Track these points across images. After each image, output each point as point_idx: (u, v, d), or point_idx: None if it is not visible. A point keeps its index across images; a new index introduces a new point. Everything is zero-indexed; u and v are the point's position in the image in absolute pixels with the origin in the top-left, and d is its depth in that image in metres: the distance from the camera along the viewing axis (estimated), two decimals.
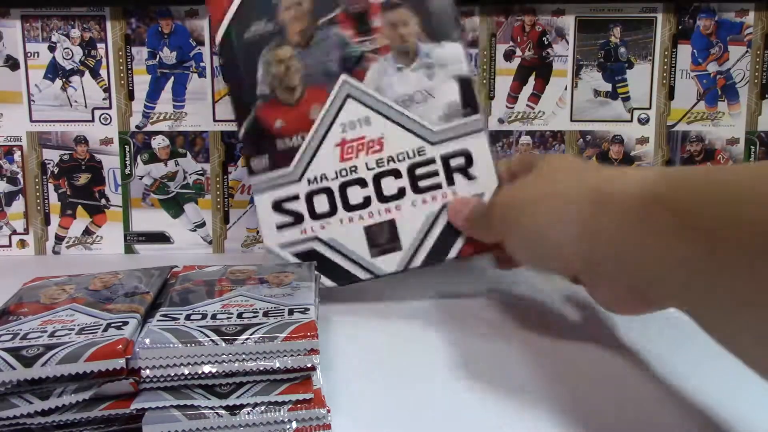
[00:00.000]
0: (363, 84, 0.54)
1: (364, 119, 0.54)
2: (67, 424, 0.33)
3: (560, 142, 0.70)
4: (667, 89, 0.69)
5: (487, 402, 0.39)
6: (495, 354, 0.45)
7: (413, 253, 0.54)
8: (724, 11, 0.68)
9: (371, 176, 0.54)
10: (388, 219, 0.54)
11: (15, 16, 0.67)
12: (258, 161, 0.55)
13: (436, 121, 0.54)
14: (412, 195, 0.54)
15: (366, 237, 0.54)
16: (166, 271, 0.46)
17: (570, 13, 0.68)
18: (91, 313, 0.38)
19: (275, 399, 0.34)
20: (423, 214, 0.54)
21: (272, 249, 0.54)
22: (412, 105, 0.54)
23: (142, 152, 0.69)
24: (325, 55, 0.54)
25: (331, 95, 0.54)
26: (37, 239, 0.70)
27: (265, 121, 0.55)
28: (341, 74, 0.54)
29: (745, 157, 0.70)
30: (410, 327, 0.51)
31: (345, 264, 0.54)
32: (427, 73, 0.54)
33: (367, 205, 0.54)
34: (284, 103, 0.55)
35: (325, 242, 0.54)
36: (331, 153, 0.54)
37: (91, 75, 0.68)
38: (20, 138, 0.69)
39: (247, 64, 0.55)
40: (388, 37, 0.54)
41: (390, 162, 0.54)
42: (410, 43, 0.54)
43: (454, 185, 0.54)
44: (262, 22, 0.55)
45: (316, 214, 0.54)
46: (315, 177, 0.54)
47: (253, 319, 0.37)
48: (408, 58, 0.54)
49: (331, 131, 0.54)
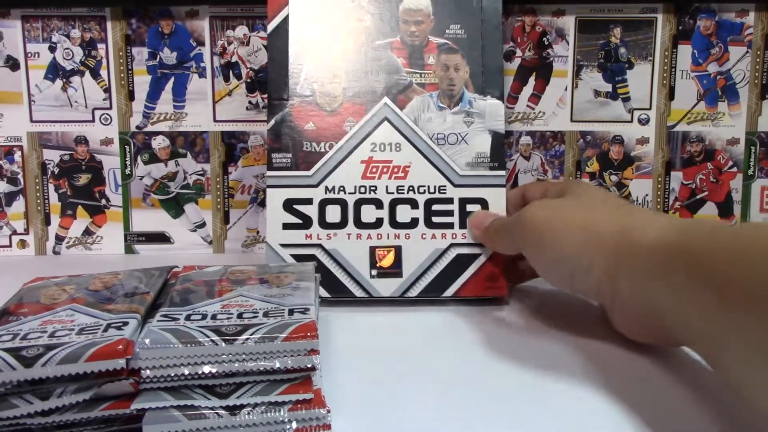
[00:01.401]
0: (403, 112, 0.56)
1: (395, 144, 0.56)
2: (67, 425, 0.33)
3: (560, 143, 0.70)
4: (668, 90, 0.69)
5: (487, 401, 0.39)
6: (495, 354, 0.45)
7: (412, 282, 0.54)
8: (725, 12, 0.68)
9: (389, 200, 0.55)
10: (396, 245, 0.55)
11: (15, 16, 0.67)
12: (280, 157, 0.55)
13: (463, 166, 0.56)
14: (424, 227, 0.55)
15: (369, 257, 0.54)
16: (166, 271, 0.46)
17: (570, 13, 0.68)
18: (91, 313, 0.38)
19: (275, 399, 0.34)
20: (430, 248, 0.55)
21: (272, 246, 0.55)
22: (444, 144, 0.56)
23: (142, 152, 0.69)
24: (373, 74, 0.56)
25: (369, 113, 0.56)
26: (37, 239, 0.70)
27: (297, 120, 0.56)
28: (384, 97, 0.56)
29: (745, 157, 0.70)
30: (410, 327, 0.51)
31: (343, 278, 0.54)
32: (465, 119, 0.56)
33: (378, 227, 0.55)
34: (321, 108, 0.56)
35: (327, 252, 0.55)
36: (356, 168, 0.55)
37: (92, 75, 0.68)
38: (20, 138, 0.69)
39: (295, 59, 0.56)
40: (438, 77, 0.57)
41: (410, 191, 0.55)
42: (457, 88, 0.57)
43: (465, 229, 0.55)
44: (320, 25, 0.57)
45: (325, 223, 0.55)
46: (334, 187, 0.55)
47: (253, 320, 0.37)
48: (451, 100, 0.57)
49: (361, 147, 0.56)
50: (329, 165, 0.55)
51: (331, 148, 0.55)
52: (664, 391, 0.40)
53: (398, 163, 0.56)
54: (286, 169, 0.55)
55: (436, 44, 0.57)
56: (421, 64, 0.57)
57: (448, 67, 0.57)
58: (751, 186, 0.71)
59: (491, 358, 0.45)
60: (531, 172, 0.70)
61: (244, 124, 0.69)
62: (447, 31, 0.57)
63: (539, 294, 0.57)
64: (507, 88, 0.69)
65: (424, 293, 0.54)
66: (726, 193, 0.70)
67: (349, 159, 0.56)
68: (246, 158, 0.70)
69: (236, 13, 0.67)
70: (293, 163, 0.55)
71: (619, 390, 0.40)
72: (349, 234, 0.55)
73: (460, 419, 0.37)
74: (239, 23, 0.68)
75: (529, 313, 0.53)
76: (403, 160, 0.56)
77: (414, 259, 0.55)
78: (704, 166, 0.70)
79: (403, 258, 0.55)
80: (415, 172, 0.56)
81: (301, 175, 0.55)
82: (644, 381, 0.41)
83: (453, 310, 0.53)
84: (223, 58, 0.68)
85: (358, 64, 0.57)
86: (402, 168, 0.56)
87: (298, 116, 0.56)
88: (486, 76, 0.57)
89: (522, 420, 0.37)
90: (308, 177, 0.55)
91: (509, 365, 0.44)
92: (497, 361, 0.44)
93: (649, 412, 0.37)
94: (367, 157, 0.55)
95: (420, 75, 0.57)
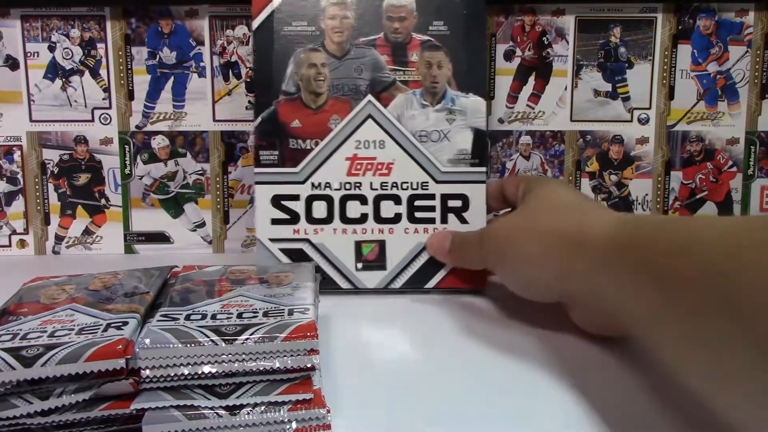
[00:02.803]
0: (386, 109, 0.56)
1: (379, 142, 0.56)
2: (67, 425, 0.33)
3: (560, 143, 0.70)
4: (667, 89, 0.69)
5: (486, 401, 0.39)
6: (496, 351, 0.45)
7: (396, 275, 0.56)
8: (724, 11, 0.68)
9: (373, 196, 0.56)
10: (379, 239, 0.56)
11: (15, 15, 0.67)
12: (267, 154, 0.56)
13: (445, 163, 0.57)
14: (407, 222, 0.57)
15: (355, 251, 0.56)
16: (165, 271, 0.46)
17: (570, 13, 0.68)
18: (90, 313, 0.38)
19: (275, 399, 0.34)
20: (412, 242, 0.57)
21: (262, 241, 0.56)
22: (427, 142, 0.57)
23: (141, 152, 0.69)
24: (357, 72, 0.57)
25: (353, 111, 0.57)
26: (36, 239, 0.70)
27: (283, 117, 0.56)
28: (368, 94, 0.57)
29: (744, 156, 0.70)
30: (410, 326, 0.51)
31: (329, 270, 0.56)
32: (447, 117, 0.57)
33: (363, 222, 0.56)
34: (306, 106, 0.57)
35: (314, 246, 0.56)
36: (341, 165, 0.56)
37: (91, 75, 0.68)
38: (20, 138, 0.69)
39: (279, 57, 0.57)
40: (421, 74, 0.57)
41: (394, 187, 0.57)
42: (440, 85, 0.57)
43: (446, 224, 0.57)
44: (304, 22, 0.57)
45: (312, 218, 0.56)
46: (320, 183, 0.56)
47: (253, 319, 0.37)
48: (434, 98, 0.57)
49: (346, 144, 0.57)
50: (315, 162, 0.56)
51: (316, 145, 0.56)
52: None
53: (382, 160, 0.56)
54: (274, 165, 0.56)
55: (419, 41, 0.57)
56: (404, 61, 0.57)
57: (431, 65, 0.57)
58: (750, 186, 0.71)
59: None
60: (531, 171, 0.70)
61: (244, 123, 0.69)
62: (430, 28, 0.57)
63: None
64: (507, 88, 0.69)
65: (407, 285, 0.56)
66: (726, 192, 0.70)
67: (334, 156, 0.56)
68: (246, 158, 0.70)
69: (236, 13, 0.67)
70: (280, 159, 0.56)
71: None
72: (335, 229, 0.56)
73: (461, 419, 0.37)
74: (239, 23, 0.68)
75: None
76: (386, 157, 0.57)
77: (397, 253, 0.56)
78: (704, 165, 0.70)
79: (387, 251, 0.56)
80: (399, 169, 0.57)
81: (288, 172, 0.56)
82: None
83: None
84: (222, 57, 0.68)
85: (342, 62, 0.57)
86: (386, 165, 0.56)
87: (284, 114, 0.56)
88: (469, 73, 0.57)
89: (522, 420, 0.37)
90: (295, 173, 0.56)
91: (510, 363, 0.44)
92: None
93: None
94: (351, 154, 0.56)
95: (403, 72, 0.57)
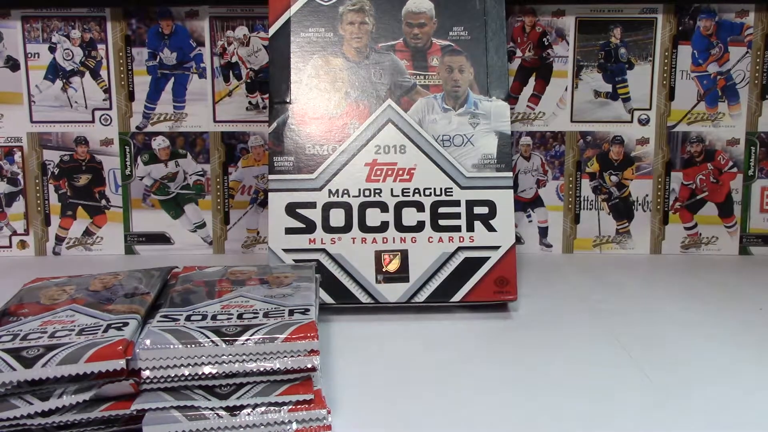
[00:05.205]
0: (407, 114, 0.56)
1: (399, 147, 0.55)
2: (67, 425, 0.33)
3: (561, 143, 0.70)
4: (668, 90, 0.69)
5: (486, 401, 0.39)
6: (497, 353, 0.45)
7: (419, 287, 0.53)
8: (725, 12, 0.68)
9: (394, 203, 0.54)
10: (402, 248, 0.54)
11: (15, 17, 0.67)
12: (282, 160, 0.55)
13: (470, 168, 0.55)
14: (431, 231, 0.54)
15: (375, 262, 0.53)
16: (166, 271, 0.46)
17: (570, 13, 0.68)
18: (91, 313, 0.38)
19: (275, 400, 0.34)
20: (437, 252, 0.54)
21: (275, 251, 0.54)
22: (450, 146, 0.55)
23: (142, 153, 0.69)
24: (377, 76, 0.56)
25: (373, 115, 0.56)
26: (37, 240, 0.70)
27: (299, 123, 0.55)
28: (388, 99, 0.56)
29: (745, 157, 0.70)
30: (410, 328, 0.51)
31: (348, 283, 0.53)
32: (471, 121, 0.56)
33: (384, 230, 0.54)
34: (324, 111, 0.56)
35: (332, 257, 0.54)
36: (360, 171, 0.55)
37: (92, 76, 0.68)
38: (20, 139, 0.69)
39: (296, 63, 0.56)
40: (442, 79, 0.56)
41: (416, 194, 0.55)
42: (462, 89, 0.56)
43: (473, 232, 0.54)
44: (322, 28, 0.56)
45: (329, 227, 0.54)
46: (337, 190, 0.54)
47: (254, 320, 0.37)
48: (456, 102, 0.56)
49: (365, 149, 0.55)
50: (332, 168, 0.55)
51: (334, 151, 0.55)
52: None
53: (403, 166, 0.55)
54: (289, 172, 0.55)
55: (439, 46, 0.57)
56: (424, 66, 0.57)
57: (452, 69, 0.56)
58: (751, 186, 0.70)
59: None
60: (531, 172, 0.70)
61: (244, 124, 0.69)
62: (450, 33, 0.57)
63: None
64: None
65: (431, 298, 0.53)
66: (726, 193, 0.70)
67: (352, 161, 0.55)
68: (246, 159, 0.70)
69: (236, 14, 0.67)
70: (296, 166, 0.55)
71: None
72: (354, 238, 0.54)
73: (460, 418, 0.37)
74: (239, 24, 0.68)
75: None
76: (408, 162, 0.55)
77: (421, 263, 0.53)
78: (704, 166, 0.70)
79: (410, 262, 0.53)
80: (421, 174, 0.55)
81: (304, 179, 0.54)
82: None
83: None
84: (223, 58, 0.68)
85: (361, 67, 0.56)
86: (407, 170, 0.55)
87: (301, 119, 0.55)
88: (490, 77, 0.56)
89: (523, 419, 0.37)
90: (311, 180, 0.54)
91: (509, 363, 0.44)
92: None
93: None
94: (371, 159, 0.55)
95: (424, 77, 0.56)
